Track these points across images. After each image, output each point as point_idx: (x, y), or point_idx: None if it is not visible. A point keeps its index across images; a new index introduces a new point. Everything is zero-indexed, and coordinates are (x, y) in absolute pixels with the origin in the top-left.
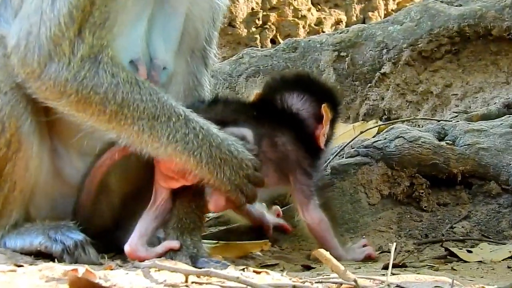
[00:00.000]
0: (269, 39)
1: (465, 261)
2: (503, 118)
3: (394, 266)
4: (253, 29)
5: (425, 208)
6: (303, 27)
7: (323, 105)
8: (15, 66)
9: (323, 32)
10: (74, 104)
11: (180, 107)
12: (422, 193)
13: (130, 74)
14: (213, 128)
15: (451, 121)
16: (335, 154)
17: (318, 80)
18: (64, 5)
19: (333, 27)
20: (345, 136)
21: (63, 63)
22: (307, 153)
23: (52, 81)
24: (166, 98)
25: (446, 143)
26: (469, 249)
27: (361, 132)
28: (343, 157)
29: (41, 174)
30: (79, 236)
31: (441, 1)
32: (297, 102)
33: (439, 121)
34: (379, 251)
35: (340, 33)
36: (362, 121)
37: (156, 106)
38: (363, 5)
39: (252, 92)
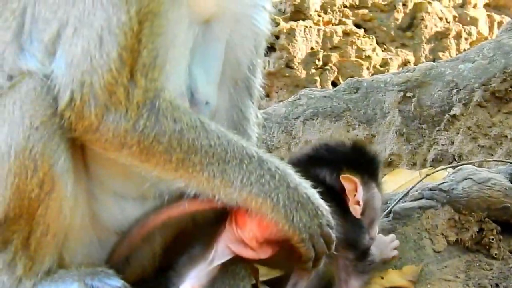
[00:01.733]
0: (330, 81)
1: None
2: None
3: None
4: (313, 71)
5: (495, 256)
6: (367, 68)
7: (340, 176)
8: (72, 121)
9: None
10: (137, 155)
11: (252, 147)
12: (493, 239)
13: (194, 116)
14: (289, 169)
15: None
16: (398, 198)
17: (334, 145)
18: (112, 48)
19: (400, 69)
20: (410, 184)
21: (121, 113)
22: (348, 228)
23: (111, 132)
24: (236, 140)
25: None
26: None
27: (427, 175)
28: (406, 201)
29: (76, 217)
30: (118, 283)
31: None
32: (324, 176)
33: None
34: None
35: (406, 72)
36: (430, 167)
37: (226, 149)
38: (433, 44)
39: (309, 136)
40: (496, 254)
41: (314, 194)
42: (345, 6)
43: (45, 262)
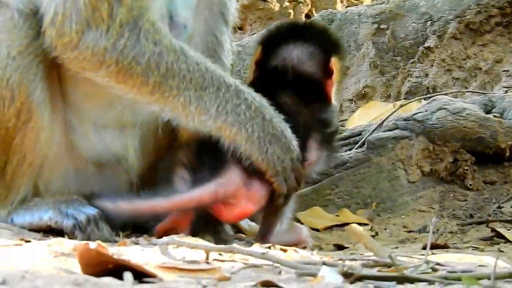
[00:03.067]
0: (303, 14)
1: None
2: None
3: (435, 247)
4: (286, 4)
5: (470, 187)
6: (341, 1)
7: (332, 59)
8: (52, 38)
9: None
10: (114, 75)
11: (230, 77)
12: (467, 170)
13: (174, 41)
14: (265, 101)
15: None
16: (372, 129)
17: (323, 28)
18: None
19: (373, 0)
20: (384, 115)
21: (102, 30)
22: (318, 113)
23: (90, 50)
24: (214, 68)
25: (493, 115)
26: None
27: (401, 106)
28: (380, 131)
29: (53, 147)
30: (92, 211)
31: None
32: (302, 57)
33: (486, 94)
34: (420, 232)
35: (381, 3)
36: (404, 100)
37: (204, 76)
38: None
39: None
40: (470, 185)
41: (287, 129)
42: None
43: (20, 191)
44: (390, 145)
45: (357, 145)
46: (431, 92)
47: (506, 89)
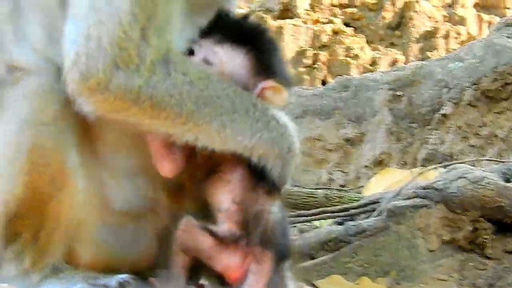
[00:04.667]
0: (319, 80)
1: None
2: None
3: None
4: (302, 69)
5: (489, 256)
6: (356, 67)
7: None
8: (76, 81)
9: None
10: (148, 111)
11: (252, 96)
12: (487, 238)
13: (199, 68)
14: (286, 117)
15: None
16: (391, 197)
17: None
18: (123, 1)
19: (389, 68)
20: (401, 182)
21: (132, 70)
22: None
23: (122, 90)
24: (239, 90)
25: None
26: None
27: (420, 174)
28: (399, 199)
29: (87, 208)
30: (123, 275)
31: (507, 36)
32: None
33: (504, 162)
34: None
35: (396, 70)
36: (420, 167)
37: (233, 98)
38: (421, 44)
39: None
40: (490, 253)
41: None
42: (333, 5)
43: (55, 255)
44: (409, 214)
45: (375, 213)
46: (447, 159)
47: None
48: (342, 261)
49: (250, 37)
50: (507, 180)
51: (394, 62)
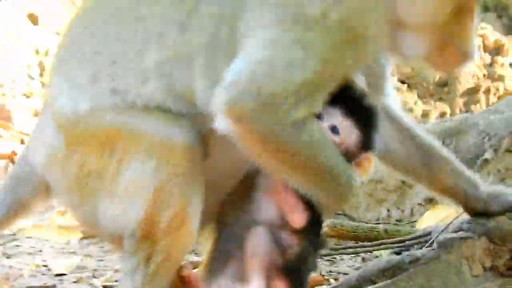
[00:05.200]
0: None
1: None
2: None
3: None
4: None
5: None
6: (411, 119)
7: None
8: (225, 102)
9: None
10: (274, 156)
11: (349, 168)
12: None
13: (326, 135)
14: None
15: None
16: (441, 230)
17: None
18: (299, 74)
19: (439, 120)
20: (450, 218)
21: (279, 119)
22: None
23: (262, 132)
24: (342, 160)
25: None
26: None
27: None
28: (448, 232)
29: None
30: None
31: None
32: None
33: None
34: None
35: (445, 122)
36: None
37: (337, 169)
38: (466, 98)
39: None
40: None
41: None
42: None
43: (161, 285)
44: (457, 244)
45: (427, 244)
46: None
47: None
48: (400, 286)
49: (367, 115)
50: None
51: (442, 115)
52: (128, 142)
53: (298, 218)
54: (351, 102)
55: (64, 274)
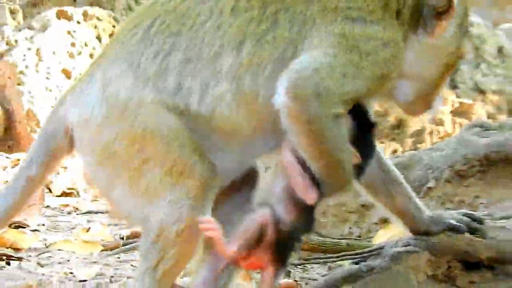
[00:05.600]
0: None
1: None
2: None
3: None
4: None
5: (459, 285)
6: None
7: None
8: (289, 82)
9: None
10: (313, 137)
11: None
12: (457, 273)
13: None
14: None
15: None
16: (392, 245)
17: None
18: (350, 85)
19: (392, 155)
20: (399, 235)
21: (325, 109)
22: None
23: (310, 113)
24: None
25: (476, 236)
26: None
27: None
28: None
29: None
30: None
31: (472, 134)
32: None
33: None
34: None
35: (397, 157)
36: None
37: (349, 159)
38: (414, 138)
39: None
40: (459, 284)
41: None
42: None
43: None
44: (405, 257)
45: (381, 256)
46: None
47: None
48: None
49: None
50: (472, 233)
51: (394, 151)
52: (157, 150)
53: (312, 195)
54: (364, 118)
55: (86, 281)
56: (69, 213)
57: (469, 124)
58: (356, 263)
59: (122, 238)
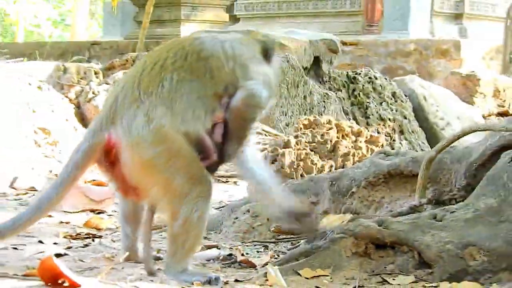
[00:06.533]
0: None
1: None
2: (410, 214)
3: None
4: None
5: (373, 258)
6: None
7: None
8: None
9: None
10: (246, 118)
11: None
12: (371, 251)
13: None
14: None
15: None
16: (331, 231)
17: None
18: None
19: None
20: (337, 222)
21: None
22: None
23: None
24: None
25: (383, 227)
26: None
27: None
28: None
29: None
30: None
31: (379, 158)
32: None
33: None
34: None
35: (333, 173)
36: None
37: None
38: (343, 158)
39: None
40: (373, 257)
41: None
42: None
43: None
44: (339, 239)
45: (324, 238)
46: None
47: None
48: (310, 262)
49: None
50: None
51: (331, 167)
52: (183, 165)
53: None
54: None
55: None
56: None
57: (377, 151)
58: (309, 243)
59: None
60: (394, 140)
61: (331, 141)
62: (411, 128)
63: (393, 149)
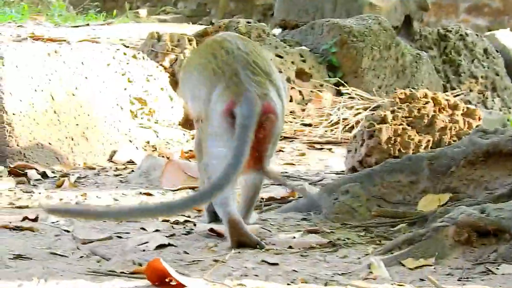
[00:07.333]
0: None
1: None
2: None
3: None
4: None
5: (475, 246)
6: None
7: None
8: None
9: None
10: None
11: None
12: (473, 239)
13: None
14: None
15: None
16: (432, 220)
17: None
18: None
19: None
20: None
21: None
22: None
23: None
24: None
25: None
26: None
27: None
28: None
29: None
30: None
31: (478, 137)
32: None
33: None
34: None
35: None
36: None
37: None
38: (440, 132)
39: None
40: (475, 245)
41: None
42: None
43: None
44: (441, 229)
45: (426, 227)
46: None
47: None
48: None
49: None
50: None
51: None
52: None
53: None
54: None
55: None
56: None
57: (475, 129)
58: (411, 231)
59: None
60: (486, 98)
61: (428, 115)
62: (504, 85)
63: (486, 107)
